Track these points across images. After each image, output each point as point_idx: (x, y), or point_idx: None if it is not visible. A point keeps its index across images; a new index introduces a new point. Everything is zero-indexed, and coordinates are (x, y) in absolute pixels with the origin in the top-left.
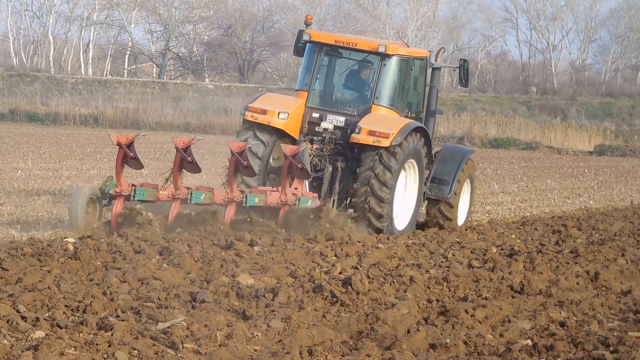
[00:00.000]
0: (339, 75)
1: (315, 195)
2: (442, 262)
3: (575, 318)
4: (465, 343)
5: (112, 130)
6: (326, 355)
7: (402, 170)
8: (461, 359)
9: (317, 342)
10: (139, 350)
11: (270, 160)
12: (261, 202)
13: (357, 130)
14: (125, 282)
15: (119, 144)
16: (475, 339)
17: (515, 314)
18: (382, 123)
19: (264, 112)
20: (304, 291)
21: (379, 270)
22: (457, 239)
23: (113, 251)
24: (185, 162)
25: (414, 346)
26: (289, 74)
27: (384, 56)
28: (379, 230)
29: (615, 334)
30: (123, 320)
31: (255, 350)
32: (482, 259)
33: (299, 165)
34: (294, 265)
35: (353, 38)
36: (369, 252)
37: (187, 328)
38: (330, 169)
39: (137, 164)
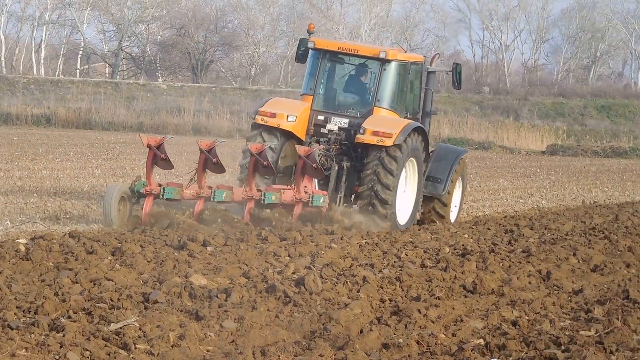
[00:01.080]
0: (342, 79)
1: (325, 192)
2: (395, 262)
3: (527, 317)
4: (417, 343)
5: (65, 130)
6: (279, 356)
7: (403, 168)
8: (414, 359)
9: (270, 343)
10: (90, 351)
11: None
12: (277, 199)
13: (361, 131)
14: (77, 282)
15: (148, 146)
16: (428, 338)
17: (468, 313)
18: (385, 124)
19: (273, 115)
20: (257, 291)
21: (332, 270)
22: (410, 239)
23: (65, 252)
24: (210, 162)
25: (366, 346)
26: (242, 74)
27: (384, 62)
28: (383, 218)
29: (566, 333)
30: (75, 321)
31: (208, 351)
32: (435, 258)
33: (314, 165)
34: (247, 265)
35: (355, 45)
36: (322, 252)
37: (140, 329)
38: (336, 168)
39: (168, 165)
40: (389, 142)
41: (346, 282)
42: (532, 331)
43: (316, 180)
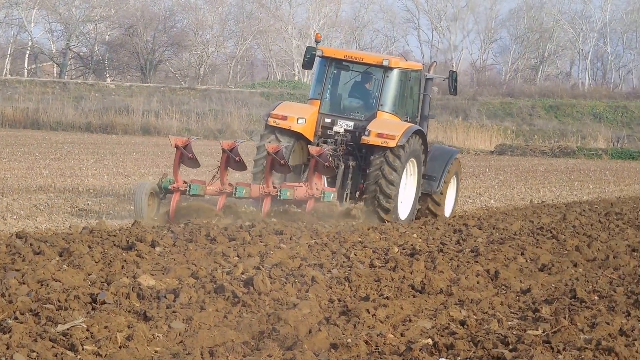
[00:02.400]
0: (347, 85)
1: (334, 189)
2: (344, 261)
3: (475, 317)
4: (366, 342)
5: (12, 130)
6: (227, 356)
7: (405, 167)
8: (362, 359)
9: (218, 343)
10: (37, 353)
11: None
12: (291, 195)
13: (366, 133)
14: (24, 283)
15: (176, 146)
16: (377, 338)
17: (416, 313)
18: (388, 126)
19: (284, 118)
20: (205, 292)
21: (281, 270)
22: (359, 239)
23: (12, 252)
24: (232, 161)
25: (315, 346)
26: (191, 74)
27: (387, 69)
28: (386, 212)
29: (514, 333)
30: (22, 322)
31: (156, 352)
32: (384, 258)
33: (326, 163)
34: (195, 265)
35: (360, 53)
36: (271, 252)
37: (87, 330)
38: (343, 167)
39: (194, 163)
40: (392, 144)
41: (295, 282)
42: (480, 331)
43: (325, 178)
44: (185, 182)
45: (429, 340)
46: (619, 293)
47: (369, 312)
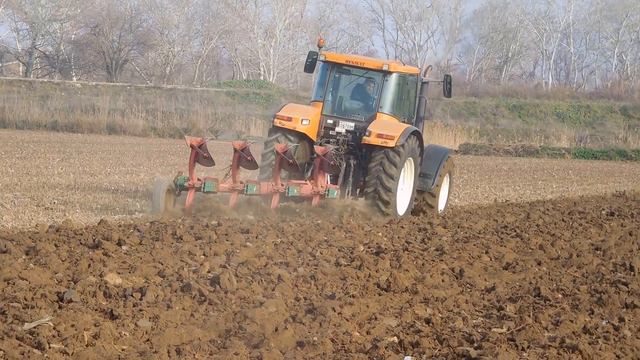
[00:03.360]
0: (348, 88)
1: (338, 186)
2: (310, 260)
3: (440, 315)
4: (332, 341)
5: None
6: (194, 354)
7: (403, 165)
8: (328, 357)
9: (185, 341)
10: (4, 351)
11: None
12: (298, 192)
13: (367, 133)
14: None
15: (191, 146)
16: (343, 336)
17: (382, 311)
18: (388, 127)
19: (289, 119)
20: (172, 290)
21: (247, 269)
22: (325, 238)
23: None
24: (244, 160)
25: (281, 344)
26: (157, 73)
27: (386, 73)
28: (386, 207)
29: (479, 330)
30: None
31: (122, 350)
32: (350, 257)
33: (332, 162)
34: (162, 264)
35: (360, 58)
36: (238, 250)
37: (54, 328)
38: (345, 165)
39: (209, 162)
40: (391, 144)
41: (261, 280)
42: (445, 328)
43: (328, 176)
44: (199, 179)
45: (395, 339)
46: (583, 291)
47: (334, 311)
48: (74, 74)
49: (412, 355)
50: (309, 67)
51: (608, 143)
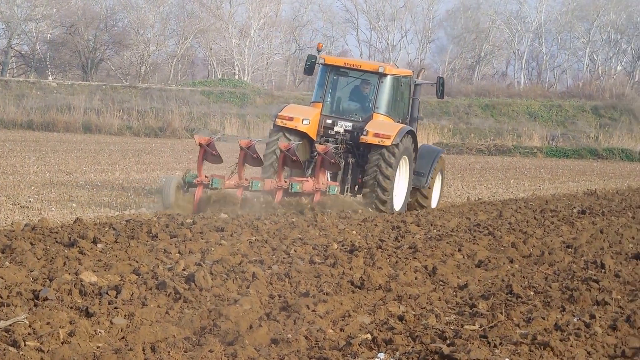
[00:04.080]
0: (346, 90)
1: (338, 183)
2: (284, 258)
3: (413, 312)
4: (306, 338)
5: None
6: (169, 352)
7: (399, 164)
8: (302, 354)
9: (160, 339)
10: None
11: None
12: (301, 189)
13: (364, 133)
14: None
15: (200, 145)
16: (316, 333)
17: (356, 308)
18: (384, 127)
19: (291, 119)
20: (147, 288)
21: (222, 266)
22: (299, 236)
23: None
24: (249, 158)
25: (256, 341)
26: (132, 72)
27: (382, 75)
28: (383, 204)
29: (451, 328)
30: None
31: (98, 347)
32: (324, 254)
33: (332, 160)
34: (137, 262)
35: (357, 61)
36: (212, 248)
37: (30, 326)
38: (343, 163)
39: (217, 159)
40: (387, 143)
41: (236, 278)
42: (418, 326)
43: (328, 173)
44: (207, 176)
45: (368, 336)
46: (554, 288)
47: (308, 308)
48: (49, 73)
49: (385, 352)
50: (308, 70)
51: (579, 142)
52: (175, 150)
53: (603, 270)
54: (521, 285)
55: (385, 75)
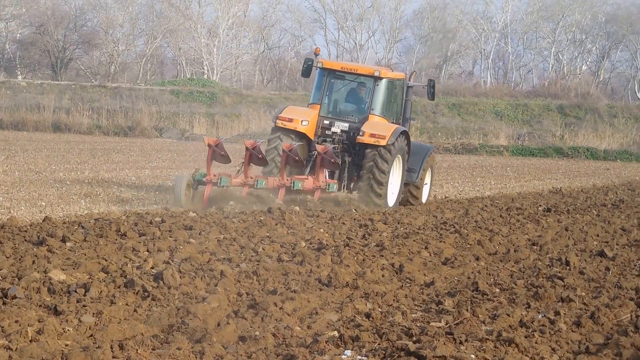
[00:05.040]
0: (343, 92)
1: (336, 181)
2: (252, 256)
3: (380, 309)
4: (274, 335)
5: None
6: (137, 349)
7: (393, 162)
8: (270, 351)
9: (128, 336)
10: None
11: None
12: (302, 187)
13: (361, 133)
14: None
15: (208, 145)
16: (284, 331)
17: (323, 306)
18: (379, 128)
19: (290, 120)
20: (115, 286)
21: (190, 264)
22: (267, 234)
23: None
24: (255, 157)
25: (224, 339)
26: (102, 72)
27: (377, 78)
28: (379, 201)
29: (418, 325)
30: None
31: (66, 345)
32: (292, 252)
33: (332, 159)
34: (106, 260)
35: (354, 65)
36: (181, 247)
37: None
38: (340, 162)
39: (226, 159)
40: (383, 142)
41: (204, 276)
42: (385, 323)
43: (326, 171)
44: (215, 175)
45: (335, 333)
46: (520, 286)
47: (276, 306)
48: (19, 72)
49: (352, 349)
50: (305, 72)
51: (545, 141)
52: (145, 150)
53: (568, 268)
54: (487, 283)
55: (380, 78)
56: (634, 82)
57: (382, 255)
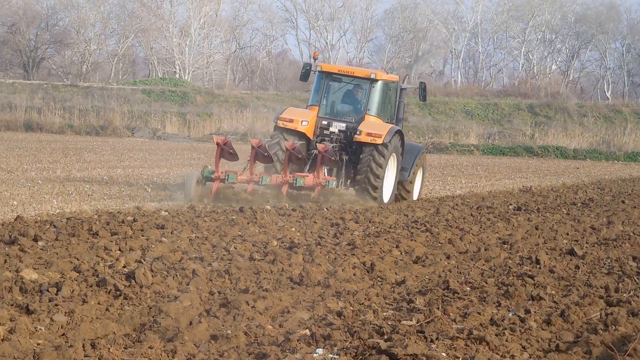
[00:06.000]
0: (341, 94)
1: (335, 178)
2: (224, 255)
3: (351, 308)
4: (245, 334)
5: None
6: (109, 348)
7: (389, 160)
8: (241, 350)
9: (100, 335)
10: None
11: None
12: (303, 183)
13: (358, 132)
14: None
15: (217, 144)
16: (256, 329)
17: (295, 304)
18: (375, 127)
19: (291, 121)
20: (87, 285)
21: (163, 263)
22: (239, 233)
23: None
24: (260, 155)
25: (195, 337)
26: (74, 71)
27: (373, 81)
28: (374, 198)
29: (389, 323)
30: None
31: (38, 344)
32: (263, 251)
33: (332, 157)
34: (78, 259)
35: (351, 68)
36: (153, 246)
37: None
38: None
39: (234, 157)
40: (379, 141)
41: (176, 275)
42: (357, 321)
43: (325, 169)
44: (223, 172)
45: (307, 331)
46: (490, 284)
47: (248, 304)
48: None
49: (323, 348)
50: (304, 76)
51: (515, 140)
52: (116, 149)
53: (538, 266)
54: (458, 281)
55: (376, 80)
56: (603, 81)
57: (354, 254)
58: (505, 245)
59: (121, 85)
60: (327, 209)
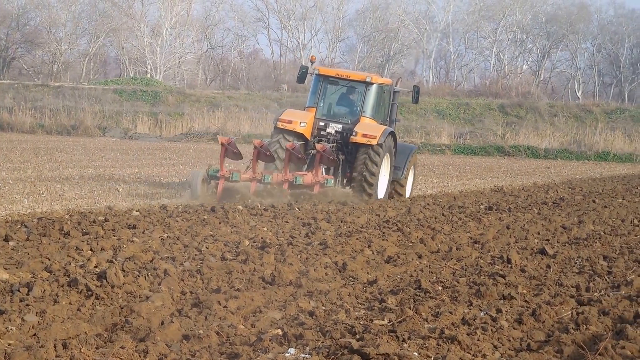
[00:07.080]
0: (337, 96)
1: (332, 177)
2: (196, 255)
3: (323, 307)
4: (217, 334)
5: None
6: (80, 348)
7: (383, 160)
8: (213, 350)
9: (71, 335)
10: None
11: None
12: (303, 182)
13: (353, 133)
14: None
15: (222, 144)
16: (228, 329)
17: (267, 304)
18: (370, 128)
19: (289, 122)
20: (59, 285)
21: (134, 263)
22: (211, 233)
23: None
24: (262, 155)
25: (167, 337)
26: (45, 71)
27: (368, 84)
28: (369, 196)
29: (361, 323)
30: None
31: (9, 345)
32: (235, 251)
33: (331, 157)
34: (49, 259)
35: (347, 72)
36: (124, 246)
37: None
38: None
39: (238, 156)
40: (374, 142)
41: (148, 275)
42: (328, 321)
43: (323, 168)
44: (227, 171)
45: (279, 331)
46: (462, 283)
47: (220, 304)
48: None
49: (295, 348)
50: (300, 79)
51: (486, 139)
52: (88, 149)
53: (509, 266)
54: (429, 281)
55: (371, 83)
56: (574, 81)
57: (326, 254)
58: (477, 245)
59: (92, 85)
60: (298, 208)
